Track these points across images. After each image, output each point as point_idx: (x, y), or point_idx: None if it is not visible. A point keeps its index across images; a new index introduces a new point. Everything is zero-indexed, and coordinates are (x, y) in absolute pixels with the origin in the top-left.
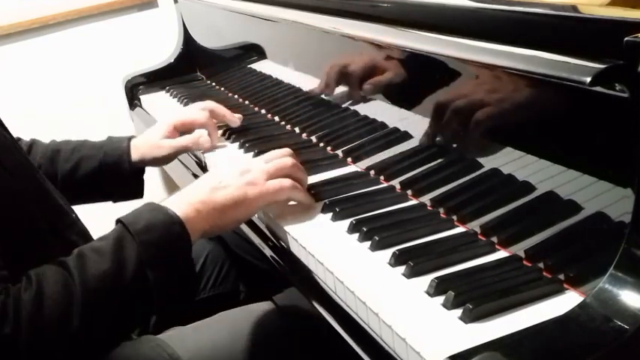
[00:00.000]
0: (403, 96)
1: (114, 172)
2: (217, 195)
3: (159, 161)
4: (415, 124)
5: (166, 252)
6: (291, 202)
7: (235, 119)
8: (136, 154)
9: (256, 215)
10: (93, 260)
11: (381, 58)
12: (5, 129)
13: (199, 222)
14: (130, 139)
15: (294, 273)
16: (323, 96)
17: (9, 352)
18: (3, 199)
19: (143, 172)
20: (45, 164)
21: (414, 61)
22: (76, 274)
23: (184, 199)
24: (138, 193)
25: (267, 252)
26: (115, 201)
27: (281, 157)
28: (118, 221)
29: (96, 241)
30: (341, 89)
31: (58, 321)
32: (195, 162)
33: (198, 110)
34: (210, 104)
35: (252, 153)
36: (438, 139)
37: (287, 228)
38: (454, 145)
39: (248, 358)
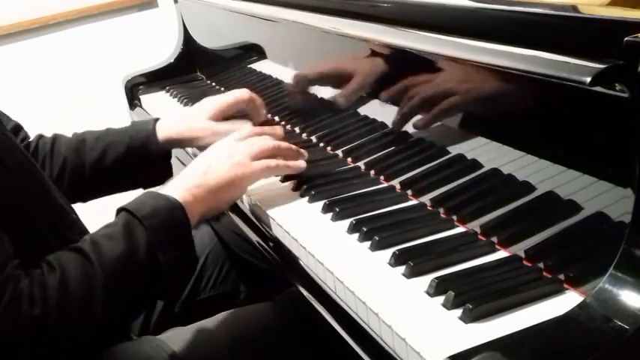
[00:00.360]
0: (403, 96)
1: (141, 155)
2: (210, 178)
3: (186, 142)
4: (415, 124)
5: (172, 235)
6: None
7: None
8: (162, 135)
9: (257, 216)
10: (107, 245)
11: (380, 58)
12: (6, 129)
13: (197, 205)
14: (155, 120)
15: (294, 273)
16: (323, 96)
17: (42, 333)
18: (4, 198)
19: (170, 154)
20: (71, 156)
21: (414, 61)
22: (94, 259)
23: (180, 185)
24: (167, 174)
25: (267, 252)
26: (145, 187)
27: (260, 138)
28: (121, 210)
29: (103, 228)
30: (341, 89)
31: (83, 303)
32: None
33: (239, 91)
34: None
35: None
36: (438, 138)
37: (287, 228)
38: (454, 145)
39: (248, 358)
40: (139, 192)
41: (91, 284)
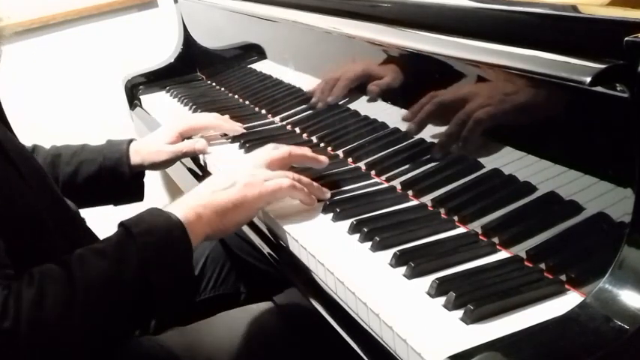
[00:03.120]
0: (403, 96)
1: (113, 176)
2: (217, 198)
3: (158, 166)
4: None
5: (167, 254)
6: (293, 203)
7: (237, 129)
8: (136, 158)
9: (257, 216)
10: (94, 260)
11: (380, 58)
12: (16, 137)
13: (201, 226)
14: (129, 142)
15: (295, 274)
16: (324, 97)
17: (9, 348)
18: (19, 205)
19: (143, 175)
20: (46, 169)
21: (414, 61)
22: (77, 273)
23: (185, 203)
24: (138, 196)
25: (268, 252)
26: (115, 204)
27: (280, 158)
28: (121, 225)
29: (98, 244)
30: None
31: (58, 318)
32: (196, 164)
33: (205, 115)
34: (215, 115)
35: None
36: (438, 139)
37: (287, 228)
38: (455, 146)
39: (248, 358)
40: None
41: (69, 297)
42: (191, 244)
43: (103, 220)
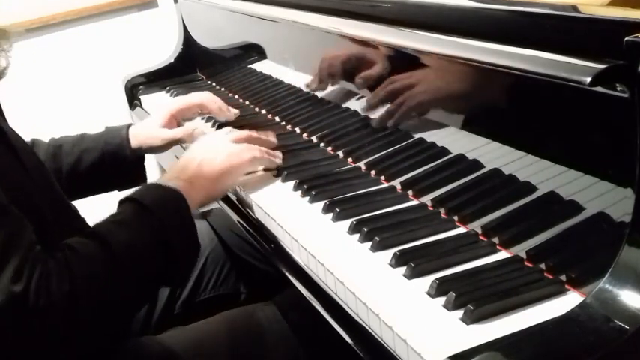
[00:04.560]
0: (404, 96)
1: (115, 160)
2: (205, 168)
3: (154, 150)
4: (416, 124)
5: (177, 219)
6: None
7: (230, 114)
8: (134, 142)
9: (257, 216)
10: (120, 230)
11: (380, 58)
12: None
13: (195, 194)
14: (128, 127)
15: (295, 273)
16: (323, 96)
17: (71, 308)
18: (22, 199)
19: (144, 158)
20: (48, 161)
21: (414, 61)
22: (111, 241)
23: (177, 177)
24: (141, 178)
25: (268, 253)
26: (120, 189)
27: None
28: (125, 200)
29: (111, 216)
30: (341, 89)
31: (104, 282)
32: None
33: (194, 94)
34: (206, 93)
35: None
36: (438, 139)
37: (288, 229)
38: (455, 145)
39: (248, 358)
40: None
41: (110, 264)
42: (190, 211)
43: (97, 215)
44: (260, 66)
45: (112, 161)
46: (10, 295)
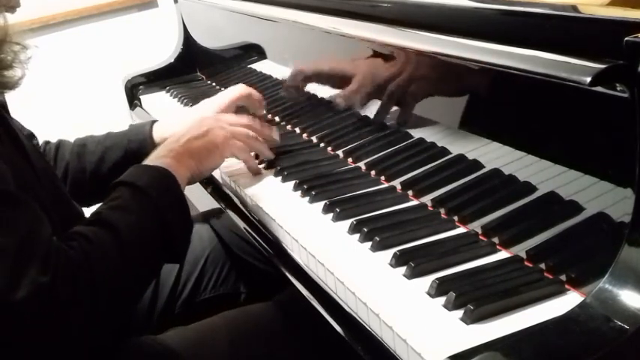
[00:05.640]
0: (403, 96)
1: (139, 158)
2: (193, 145)
3: None
4: (416, 124)
5: (171, 198)
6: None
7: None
8: (158, 137)
9: (257, 217)
10: (123, 214)
11: (380, 58)
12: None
13: (183, 171)
14: (152, 123)
15: (295, 273)
16: (323, 96)
17: (93, 295)
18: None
19: None
20: (73, 161)
21: (414, 61)
22: (120, 227)
23: (165, 154)
24: None
25: (268, 253)
26: None
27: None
28: (118, 184)
29: (108, 202)
30: (341, 89)
31: (119, 267)
32: None
33: (225, 93)
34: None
35: None
36: (438, 138)
37: (288, 229)
38: (455, 145)
39: (248, 358)
40: None
41: (122, 251)
42: (181, 188)
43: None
44: (260, 66)
45: (135, 158)
46: (38, 286)
